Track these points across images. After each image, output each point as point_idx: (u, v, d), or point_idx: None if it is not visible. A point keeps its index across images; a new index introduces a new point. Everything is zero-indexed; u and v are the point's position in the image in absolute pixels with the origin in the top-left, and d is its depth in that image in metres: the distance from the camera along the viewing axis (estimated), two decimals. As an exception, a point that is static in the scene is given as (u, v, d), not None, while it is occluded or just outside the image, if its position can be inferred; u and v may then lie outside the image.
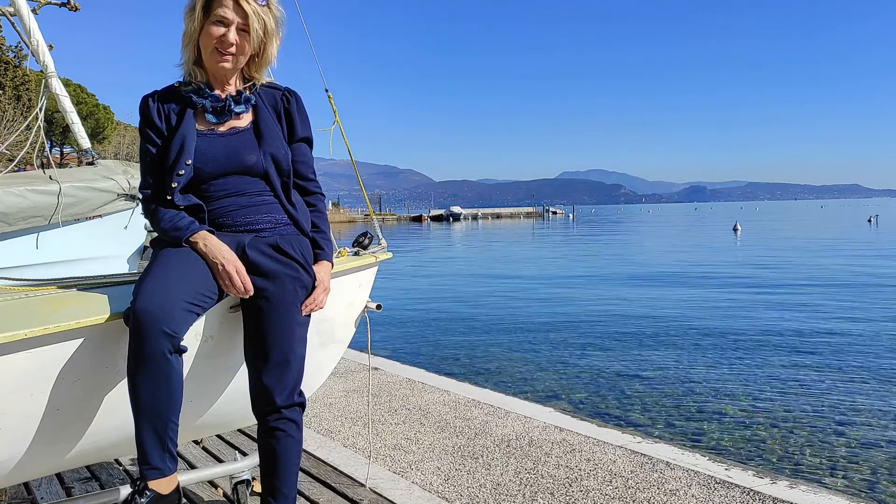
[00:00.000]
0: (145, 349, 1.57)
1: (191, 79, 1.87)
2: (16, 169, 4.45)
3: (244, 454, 2.77)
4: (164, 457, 1.65)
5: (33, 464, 1.71)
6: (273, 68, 1.97)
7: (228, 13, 1.77)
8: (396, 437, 3.59)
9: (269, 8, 1.84)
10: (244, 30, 1.81)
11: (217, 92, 1.88)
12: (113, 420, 1.75)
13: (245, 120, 1.90)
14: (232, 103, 1.87)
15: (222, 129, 1.87)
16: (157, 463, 1.64)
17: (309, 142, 2.02)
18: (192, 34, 1.82)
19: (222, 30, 1.78)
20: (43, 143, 3.81)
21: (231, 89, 1.90)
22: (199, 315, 1.69)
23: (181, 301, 1.62)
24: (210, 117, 1.86)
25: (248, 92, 1.91)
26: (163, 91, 1.89)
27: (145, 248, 4.14)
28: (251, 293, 1.78)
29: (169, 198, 1.80)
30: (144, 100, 1.87)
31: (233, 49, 1.80)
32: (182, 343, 1.63)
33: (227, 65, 1.83)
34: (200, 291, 1.70)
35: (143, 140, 1.86)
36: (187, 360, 1.78)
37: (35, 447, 1.66)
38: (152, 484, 1.63)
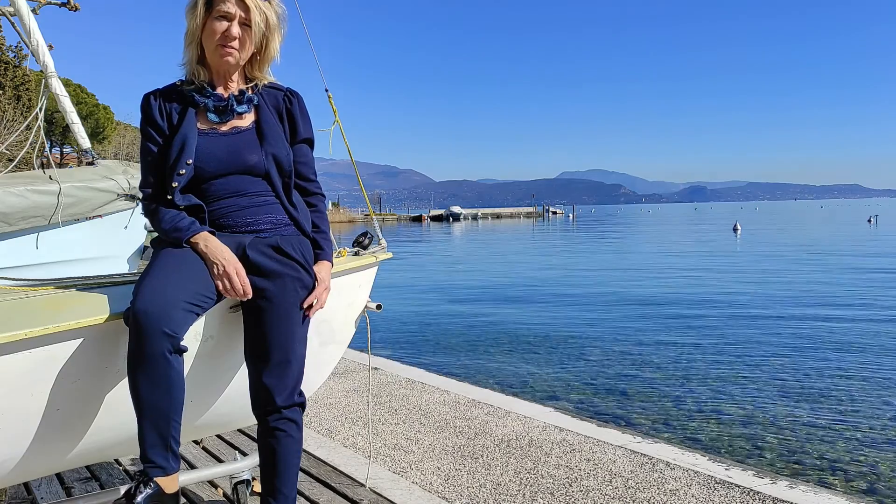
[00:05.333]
0: (145, 349, 1.57)
1: (193, 78, 1.87)
2: (15, 169, 4.45)
3: (244, 454, 2.77)
4: (166, 455, 1.65)
5: (33, 464, 1.71)
6: (276, 64, 1.97)
7: (231, 7, 1.78)
8: (396, 437, 3.59)
9: (269, 3, 1.85)
10: (246, 24, 1.81)
11: (220, 91, 1.88)
12: (113, 420, 1.75)
13: (247, 120, 1.90)
14: (234, 103, 1.87)
15: (224, 128, 1.87)
16: (159, 461, 1.64)
17: (310, 142, 2.02)
18: (195, 32, 1.82)
19: (225, 24, 1.79)
20: (43, 143, 3.80)
21: (233, 88, 1.90)
22: (198, 315, 1.69)
23: (181, 301, 1.62)
24: (212, 116, 1.86)
25: (250, 92, 1.91)
26: (164, 89, 1.89)
27: (145, 248, 4.14)
28: (249, 296, 1.78)
29: (169, 197, 1.80)
30: (146, 98, 1.87)
31: (235, 44, 1.81)
32: (182, 343, 1.63)
33: (231, 59, 1.83)
34: (200, 292, 1.70)
35: (143, 138, 1.86)
36: (187, 360, 1.78)
37: (35, 447, 1.66)
38: (156, 481, 1.64)
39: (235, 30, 1.79)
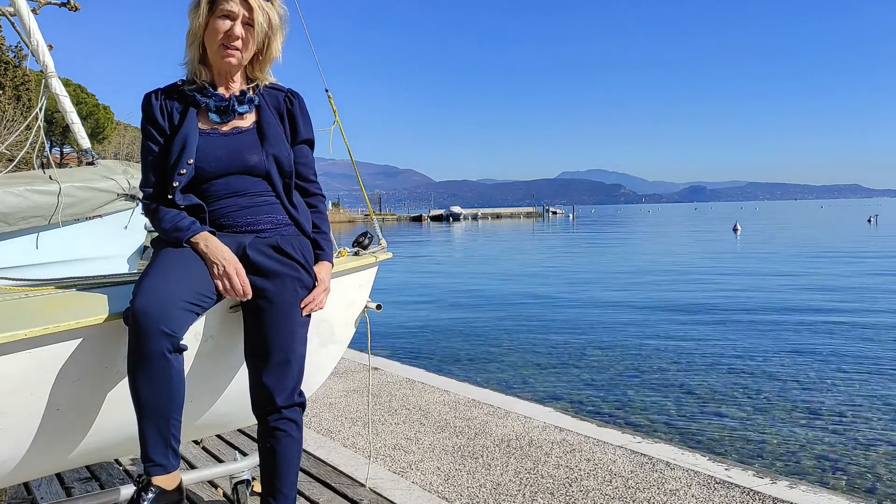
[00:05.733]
0: (144, 349, 1.57)
1: (195, 77, 1.87)
2: (15, 169, 4.45)
3: (244, 454, 2.77)
4: (167, 453, 1.65)
5: (33, 464, 1.71)
6: (278, 64, 1.97)
7: (234, 7, 1.78)
8: (396, 437, 3.59)
9: (272, 3, 1.85)
10: (249, 24, 1.81)
11: (221, 91, 1.88)
12: (113, 420, 1.75)
13: (248, 120, 1.90)
14: (235, 103, 1.87)
15: (225, 128, 1.87)
16: (159, 459, 1.65)
17: (311, 143, 2.03)
18: (198, 31, 1.82)
19: (228, 24, 1.79)
20: (43, 143, 3.80)
21: (235, 88, 1.90)
22: (198, 315, 1.69)
23: (180, 301, 1.62)
24: (213, 116, 1.86)
25: (251, 92, 1.91)
26: (165, 89, 1.89)
27: (145, 248, 4.15)
28: (249, 296, 1.78)
29: (170, 197, 1.80)
30: (147, 97, 1.87)
31: (238, 43, 1.81)
32: (182, 342, 1.63)
33: (233, 60, 1.83)
34: (200, 291, 1.70)
35: (144, 137, 1.86)
36: (187, 360, 1.78)
37: (35, 447, 1.66)
38: (156, 480, 1.64)
39: (238, 29, 1.80)
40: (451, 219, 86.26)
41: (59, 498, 2.65)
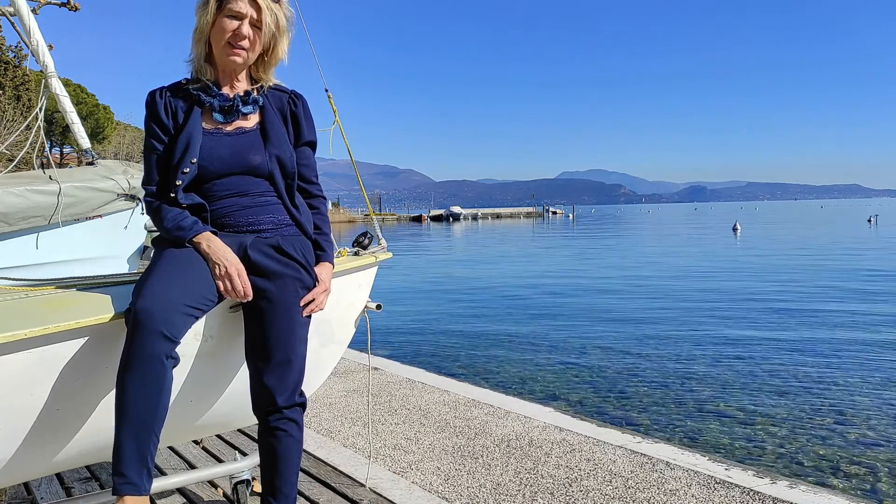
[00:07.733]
0: (142, 351, 1.56)
1: (199, 75, 1.87)
2: (15, 169, 4.44)
3: (244, 454, 2.77)
4: (141, 472, 1.59)
5: (33, 463, 1.71)
6: (283, 65, 1.97)
7: (242, 7, 1.78)
8: (396, 437, 3.59)
9: (279, 5, 1.85)
10: (256, 25, 1.82)
11: (225, 91, 1.88)
12: (113, 420, 1.75)
13: (252, 121, 1.91)
14: (240, 103, 1.87)
15: (229, 128, 1.87)
16: (133, 478, 1.58)
17: (313, 145, 2.03)
18: (204, 29, 1.82)
19: (235, 23, 1.79)
20: (43, 143, 3.80)
21: (239, 88, 1.90)
22: (198, 318, 1.69)
23: (182, 305, 1.62)
24: (217, 116, 1.86)
25: (255, 93, 1.91)
26: (170, 87, 1.89)
27: (145, 248, 4.14)
28: (250, 297, 1.78)
29: (172, 195, 1.80)
30: (151, 95, 1.87)
31: (245, 43, 1.81)
32: (176, 351, 1.62)
33: (239, 59, 1.83)
34: (202, 294, 1.70)
35: (148, 135, 1.86)
36: (188, 360, 1.78)
37: (35, 447, 1.66)
38: (127, 500, 1.57)
39: (246, 29, 1.80)
40: (450, 219, 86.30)
41: (59, 498, 2.65)
